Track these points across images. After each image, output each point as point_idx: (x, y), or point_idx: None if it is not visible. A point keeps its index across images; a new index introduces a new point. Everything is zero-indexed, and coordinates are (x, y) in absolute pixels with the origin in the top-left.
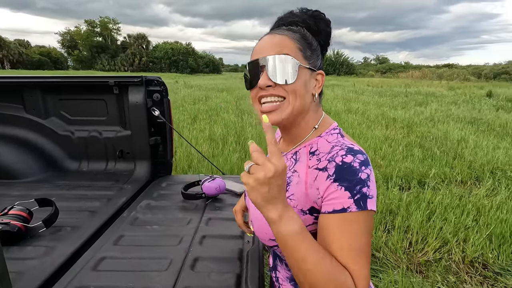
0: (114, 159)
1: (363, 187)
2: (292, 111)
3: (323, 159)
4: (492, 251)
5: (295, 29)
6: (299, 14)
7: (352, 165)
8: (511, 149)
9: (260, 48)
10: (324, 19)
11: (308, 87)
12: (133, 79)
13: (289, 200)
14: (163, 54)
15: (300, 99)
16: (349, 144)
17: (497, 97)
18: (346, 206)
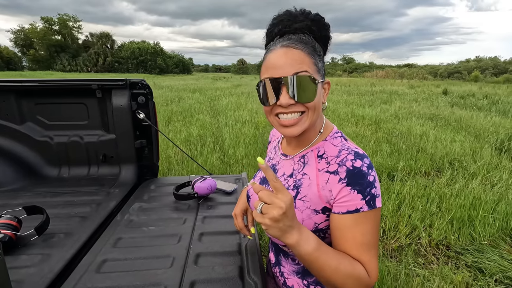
0: (97, 163)
1: (372, 189)
2: (310, 123)
3: (333, 162)
4: (454, 233)
5: (305, 39)
6: (302, 18)
7: (361, 170)
8: (465, 142)
9: (276, 63)
10: (325, 24)
11: (321, 99)
12: (117, 82)
13: (302, 201)
14: (129, 54)
15: (317, 112)
16: (354, 148)
17: (452, 95)
18: (359, 207)
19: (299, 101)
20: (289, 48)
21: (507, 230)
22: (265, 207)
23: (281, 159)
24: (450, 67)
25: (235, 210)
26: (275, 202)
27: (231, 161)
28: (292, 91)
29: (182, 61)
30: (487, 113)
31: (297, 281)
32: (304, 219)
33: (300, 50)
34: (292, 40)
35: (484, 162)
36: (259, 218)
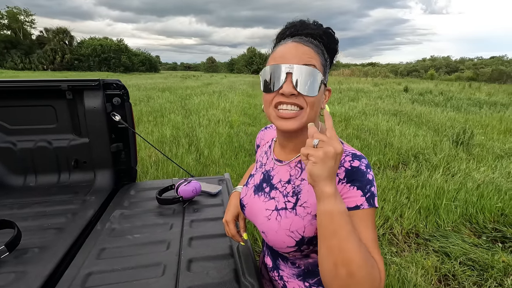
0: (68, 170)
1: (371, 187)
2: (307, 121)
3: None
4: (422, 222)
5: (316, 43)
6: (315, 27)
7: (360, 168)
8: (426, 136)
9: (285, 54)
10: (335, 38)
11: (321, 101)
12: (89, 83)
13: (303, 208)
14: (90, 51)
15: (314, 111)
16: (351, 150)
17: (412, 92)
18: (359, 204)
19: (301, 93)
20: (300, 44)
21: (466, 216)
22: (321, 142)
23: (275, 165)
24: (409, 66)
25: (226, 216)
26: (333, 140)
27: (208, 161)
28: (297, 81)
29: (149, 59)
30: (443, 108)
31: (298, 283)
32: (305, 225)
33: (311, 48)
34: (304, 40)
35: (444, 154)
36: (311, 150)
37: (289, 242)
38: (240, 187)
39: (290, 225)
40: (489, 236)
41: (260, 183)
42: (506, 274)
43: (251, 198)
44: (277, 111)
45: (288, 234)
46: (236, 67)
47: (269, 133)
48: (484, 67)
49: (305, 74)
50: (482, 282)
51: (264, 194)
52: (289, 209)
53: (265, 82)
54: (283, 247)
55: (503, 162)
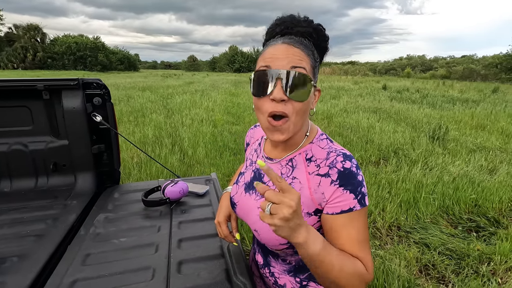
0: (46, 173)
1: (362, 188)
2: (294, 130)
3: (323, 165)
4: (403, 215)
5: (306, 43)
6: (305, 25)
7: (351, 170)
8: (405, 132)
9: (275, 57)
10: (325, 35)
11: (310, 104)
12: (68, 82)
13: None
14: (65, 49)
15: (302, 118)
16: (341, 150)
17: (390, 89)
18: (352, 206)
19: (291, 98)
20: (290, 46)
21: (444, 208)
22: (274, 207)
23: (266, 163)
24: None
25: (218, 217)
26: (284, 201)
27: (192, 161)
28: (287, 87)
29: (127, 57)
30: (420, 105)
31: (289, 279)
32: None
33: (301, 50)
34: (293, 40)
35: (422, 149)
36: (268, 219)
37: (282, 239)
38: (230, 187)
39: None
40: (465, 226)
41: (251, 181)
42: (481, 262)
43: (242, 197)
44: (271, 121)
45: None
46: (218, 66)
47: (259, 131)
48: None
49: (295, 79)
50: (459, 270)
51: (256, 193)
52: None
53: (255, 86)
54: (276, 244)
55: (475, 155)
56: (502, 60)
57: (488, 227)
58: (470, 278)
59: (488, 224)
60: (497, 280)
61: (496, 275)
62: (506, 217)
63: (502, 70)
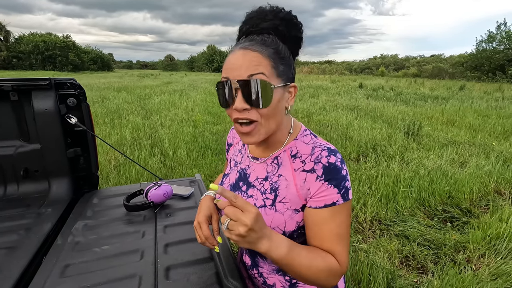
0: (16, 180)
1: (345, 182)
2: (267, 132)
3: (308, 160)
4: (383, 209)
5: (268, 41)
6: (271, 17)
7: (336, 165)
8: (382, 129)
9: (233, 66)
10: (295, 23)
11: (281, 103)
12: (38, 82)
13: (282, 203)
14: (31, 48)
15: (274, 121)
16: (325, 144)
17: (366, 88)
18: (335, 200)
19: (253, 106)
20: (247, 50)
21: (420, 200)
22: (231, 224)
23: (251, 163)
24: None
25: (198, 218)
26: (240, 219)
27: (173, 163)
28: (247, 96)
29: (101, 56)
30: (394, 103)
31: (278, 278)
32: (286, 220)
33: (258, 52)
34: (253, 42)
35: (398, 145)
36: (226, 233)
37: None
38: (210, 192)
39: (271, 222)
40: (440, 217)
41: (236, 182)
42: (456, 250)
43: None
44: (238, 126)
45: None
46: (197, 65)
47: None
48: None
49: (253, 87)
50: (437, 260)
51: (241, 193)
52: (269, 206)
53: (220, 97)
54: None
55: (447, 150)
56: (467, 59)
57: (461, 217)
58: (447, 267)
59: (461, 214)
60: (472, 267)
61: (470, 262)
62: (477, 207)
63: (467, 69)
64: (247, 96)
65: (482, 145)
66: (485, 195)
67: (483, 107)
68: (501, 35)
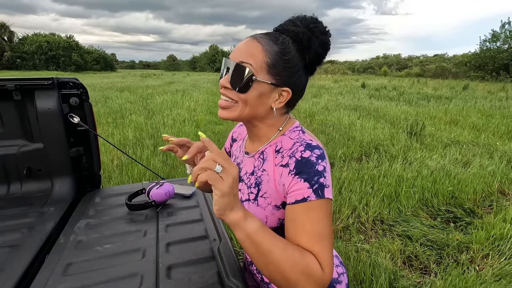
0: (20, 180)
1: (320, 178)
2: (241, 115)
3: (285, 155)
4: (385, 209)
5: (279, 40)
6: (297, 23)
7: (310, 159)
8: (384, 129)
9: (235, 49)
10: (318, 37)
11: (263, 100)
12: (41, 82)
13: (264, 198)
14: (35, 48)
15: (250, 109)
16: (308, 140)
17: (369, 87)
18: (306, 196)
19: (232, 87)
20: (253, 40)
21: (423, 201)
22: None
23: (244, 157)
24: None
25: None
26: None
27: (176, 162)
28: (231, 77)
29: (104, 56)
30: (397, 102)
31: None
32: (267, 215)
33: (261, 44)
34: (267, 35)
35: (401, 145)
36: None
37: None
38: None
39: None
40: (443, 218)
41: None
42: (459, 251)
43: None
44: (220, 100)
45: None
46: (199, 65)
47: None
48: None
49: (237, 71)
50: (440, 260)
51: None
52: (252, 200)
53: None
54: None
55: (450, 149)
56: (471, 59)
57: (464, 217)
58: (450, 267)
59: (464, 215)
60: (475, 268)
61: (474, 263)
62: (480, 207)
63: (471, 68)
64: (231, 77)
65: (486, 145)
66: (489, 196)
67: (487, 106)
68: (505, 34)
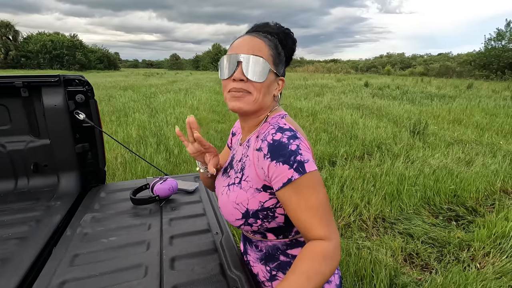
0: (27, 175)
1: (296, 156)
2: (254, 104)
3: (259, 139)
4: (387, 207)
5: (270, 37)
6: (274, 27)
7: (281, 141)
8: (387, 128)
9: (239, 45)
10: (292, 38)
11: (271, 88)
12: (48, 79)
13: (246, 182)
14: (39, 48)
15: (263, 97)
16: (282, 124)
17: (372, 86)
18: (290, 176)
19: (249, 79)
20: (253, 37)
21: (425, 199)
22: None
23: (238, 147)
24: (367, 62)
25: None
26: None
27: (179, 160)
28: (246, 69)
29: (107, 55)
30: (400, 101)
31: (261, 268)
32: (249, 198)
33: (262, 41)
34: (259, 34)
35: (404, 144)
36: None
37: (236, 214)
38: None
39: (235, 197)
40: (445, 216)
41: (227, 166)
42: (461, 249)
43: (218, 180)
44: (230, 94)
45: (235, 206)
46: (202, 64)
47: None
48: (433, 63)
49: (253, 62)
50: (441, 258)
51: (226, 174)
52: (236, 184)
53: (222, 69)
54: (232, 220)
55: (453, 148)
56: (475, 58)
57: (466, 216)
58: (451, 265)
59: (466, 213)
60: (476, 266)
61: (475, 260)
62: (483, 205)
63: (475, 67)
64: (246, 69)
65: (489, 144)
66: (491, 194)
67: (491, 106)
68: (511, 33)
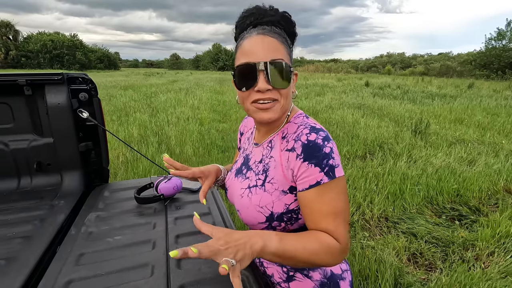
0: (30, 173)
1: (329, 160)
2: (283, 110)
3: (290, 139)
4: (390, 206)
5: (277, 31)
6: (272, 13)
7: (316, 142)
8: (389, 127)
9: (253, 50)
10: (292, 21)
11: (292, 88)
12: (51, 77)
13: (271, 184)
14: (40, 47)
15: (289, 100)
16: (312, 123)
17: (372, 86)
18: (319, 179)
19: (275, 87)
20: (265, 36)
21: (428, 198)
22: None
23: (253, 148)
24: (368, 62)
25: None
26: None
27: (180, 159)
28: (269, 77)
29: (107, 55)
30: (401, 101)
31: (276, 269)
32: (274, 200)
33: (275, 39)
34: (267, 30)
35: (406, 143)
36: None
37: (259, 218)
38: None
39: (259, 201)
40: (448, 215)
41: (240, 167)
42: (465, 248)
43: (231, 181)
44: (256, 105)
45: (258, 210)
46: (202, 64)
47: (251, 120)
48: (434, 63)
49: (276, 68)
50: (445, 257)
51: (242, 176)
52: (259, 186)
53: (239, 80)
54: (254, 223)
55: (455, 148)
56: (476, 57)
57: (469, 215)
58: (456, 264)
59: (469, 213)
60: (481, 265)
61: (479, 260)
62: (486, 205)
63: (476, 67)
64: (269, 77)
65: (491, 144)
66: (494, 194)
67: (492, 105)
68: (511, 32)
